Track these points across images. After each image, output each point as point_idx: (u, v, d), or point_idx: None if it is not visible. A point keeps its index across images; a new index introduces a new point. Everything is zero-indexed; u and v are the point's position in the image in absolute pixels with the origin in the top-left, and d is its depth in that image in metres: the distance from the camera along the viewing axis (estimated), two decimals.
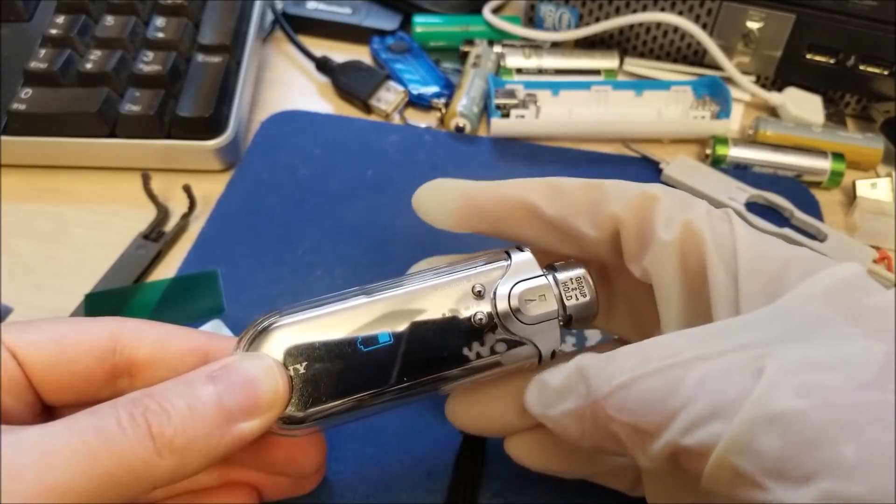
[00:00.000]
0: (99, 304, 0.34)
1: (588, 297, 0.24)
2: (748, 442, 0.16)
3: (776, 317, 0.18)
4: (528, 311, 0.23)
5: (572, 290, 0.24)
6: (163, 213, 0.39)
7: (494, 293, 0.23)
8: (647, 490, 0.23)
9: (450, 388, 0.24)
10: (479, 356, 0.23)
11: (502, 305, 0.23)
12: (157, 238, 0.37)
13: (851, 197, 0.42)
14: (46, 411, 0.22)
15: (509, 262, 0.24)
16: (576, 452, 0.25)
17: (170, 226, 0.38)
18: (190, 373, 0.20)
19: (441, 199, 0.25)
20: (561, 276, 0.24)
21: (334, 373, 0.22)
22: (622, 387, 0.19)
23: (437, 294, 0.23)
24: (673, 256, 0.22)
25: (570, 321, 0.24)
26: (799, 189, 0.42)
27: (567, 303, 0.23)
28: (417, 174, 0.41)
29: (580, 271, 0.24)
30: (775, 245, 0.21)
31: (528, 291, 0.23)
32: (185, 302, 0.34)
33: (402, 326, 0.22)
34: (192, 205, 0.39)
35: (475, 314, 0.23)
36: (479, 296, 0.23)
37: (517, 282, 0.23)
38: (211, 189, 0.40)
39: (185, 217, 0.38)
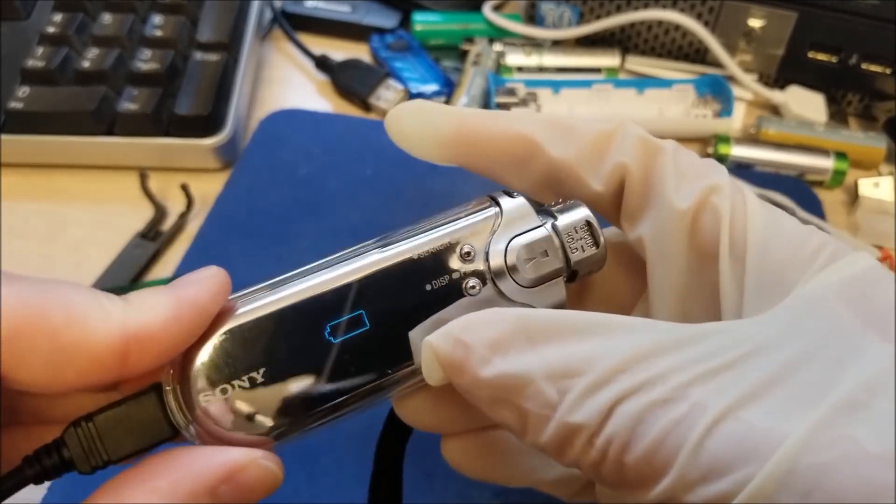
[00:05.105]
0: None
1: (597, 248, 0.20)
2: (768, 498, 0.14)
3: (789, 324, 0.16)
4: (528, 272, 0.19)
5: (577, 240, 0.20)
6: (160, 213, 0.38)
7: (486, 253, 0.19)
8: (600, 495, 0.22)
9: None
10: None
11: (498, 268, 0.19)
12: (154, 237, 0.37)
13: (854, 196, 0.42)
14: None
15: (499, 211, 0.20)
16: (518, 459, 0.22)
17: (167, 225, 0.38)
18: None
19: (427, 122, 0.21)
20: (562, 223, 0.20)
21: (297, 376, 0.18)
22: (602, 413, 0.15)
23: (417, 260, 0.19)
24: (683, 229, 0.19)
25: (575, 276, 0.20)
26: (801, 188, 0.42)
27: (572, 256, 0.20)
28: (417, 173, 0.41)
29: (584, 214, 0.20)
30: (787, 224, 0.18)
31: (526, 248, 0.19)
32: None
33: (378, 305, 0.18)
34: (189, 204, 0.38)
35: (466, 282, 0.19)
36: (467, 258, 0.19)
37: (512, 237, 0.19)
38: (209, 188, 0.40)
39: (183, 216, 0.38)
